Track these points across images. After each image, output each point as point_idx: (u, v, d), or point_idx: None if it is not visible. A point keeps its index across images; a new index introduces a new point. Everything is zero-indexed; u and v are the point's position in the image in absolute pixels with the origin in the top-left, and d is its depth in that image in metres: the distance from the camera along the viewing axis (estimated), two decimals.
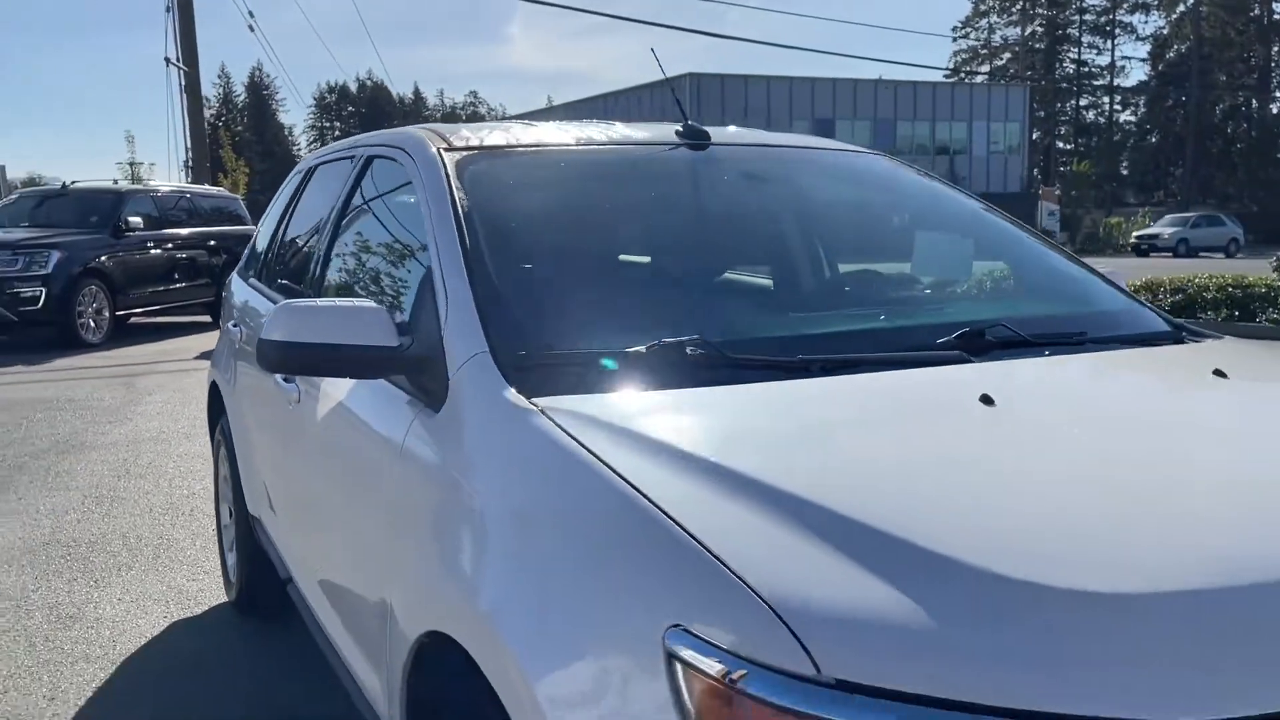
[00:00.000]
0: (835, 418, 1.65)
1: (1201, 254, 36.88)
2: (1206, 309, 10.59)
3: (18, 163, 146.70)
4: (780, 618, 1.12)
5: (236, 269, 4.38)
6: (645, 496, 1.34)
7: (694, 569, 1.21)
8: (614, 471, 1.41)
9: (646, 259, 2.41)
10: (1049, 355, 2.00)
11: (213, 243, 14.30)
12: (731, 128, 2.90)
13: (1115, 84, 76.77)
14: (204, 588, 4.25)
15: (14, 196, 15.02)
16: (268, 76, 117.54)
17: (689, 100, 45.32)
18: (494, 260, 2.03)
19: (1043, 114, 77.68)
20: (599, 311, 2.04)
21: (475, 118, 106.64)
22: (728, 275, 2.30)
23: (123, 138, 74.93)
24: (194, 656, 3.63)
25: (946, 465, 1.46)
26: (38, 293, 11.65)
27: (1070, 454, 1.51)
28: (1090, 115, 79.23)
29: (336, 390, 2.31)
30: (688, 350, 1.79)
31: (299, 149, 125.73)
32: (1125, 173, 74.07)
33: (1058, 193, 49.73)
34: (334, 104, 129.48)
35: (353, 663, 2.24)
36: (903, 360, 1.87)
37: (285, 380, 2.71)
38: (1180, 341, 2.26)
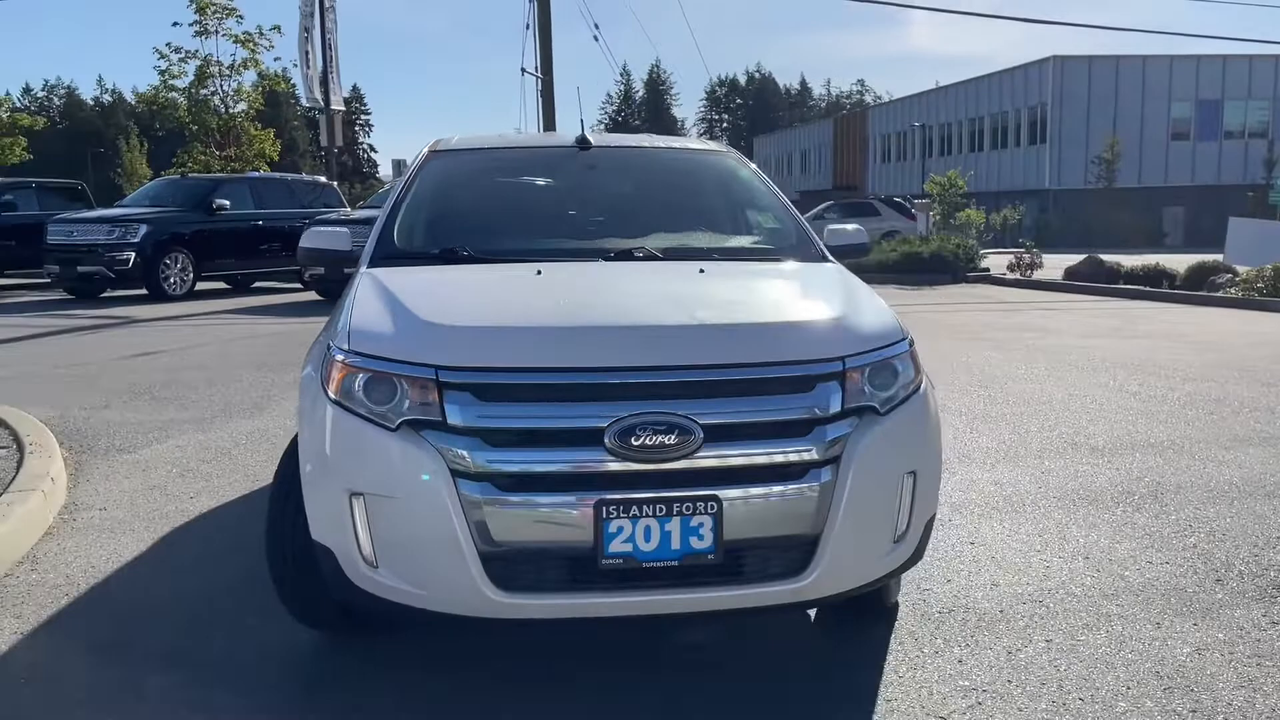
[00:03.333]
0: (476, 279, 3.42)
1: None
2: None
3: None
4: (349, 335, 2.97)
5: None
6: (356, 297, 3.23)
7: (346, 324, 3.08)
8: (356, 289, 3.31)
9: (488, 207, 4.23)
10: (659, 261, 3.62)
11: None
12: (618, 136, 4.61)
13: None
14: None
15: (386, 188, 19.01)
16: (664, 73, 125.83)
17: (1050, 83, 43.78)
18: (404, 209, 3.98)
19: None
20: (432, 234, 3.93)
21: (858, 105, 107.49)
22: (537, 216, 4.09)
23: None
24: None
25: (478, 292, 3.22)
26: None
27: (544, 290, 3.19)
28: None
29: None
30: (454, 250, 3.64)
31: None
32: None
33: None
34: (723, 97, 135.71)
35: None
36: (588, 257, 3.62)
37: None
38: (775, 259, 3.76)
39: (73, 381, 8.37)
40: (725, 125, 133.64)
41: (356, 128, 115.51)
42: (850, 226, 4.24)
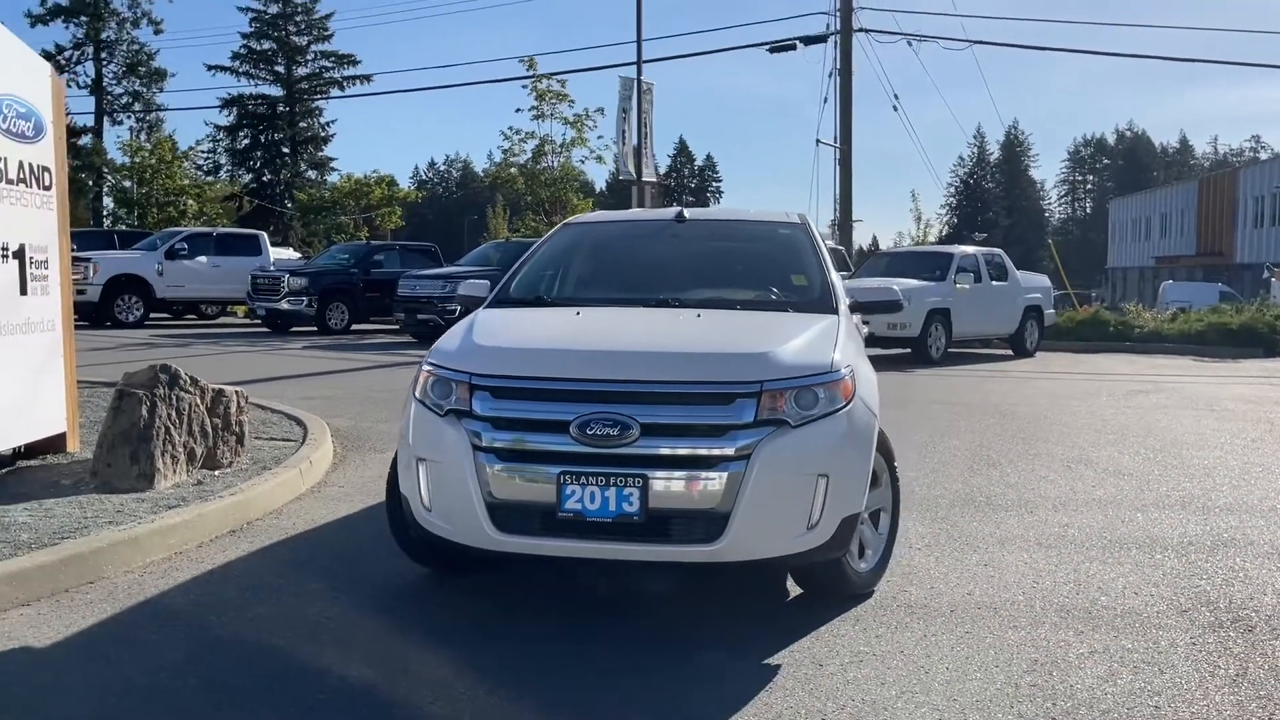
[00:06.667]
0: (531, 317, 4.64)
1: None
2: None
3: None
4: (433, 352, 4.30)
5: None
6: (452, 328, 4.57)
7: (441, 345, 4.42)
8: (467, 319, 4.65)
9: (581, 266, 5.41)
10: (691, 308, 4.65)
11: None
12: (711, 210, 5.69)
13: None
14: None
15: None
16: (1022, 134, 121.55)
17: None
18: (526, 266, 5.30)
19: None
20: (535, 285, 5.20)
21: (1251, 164, 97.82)
22: (616, 274, 5.24)
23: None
24: None
25: (522, 326, 4.45)
26: None
27: (566, 326, 4.35)
28: None
29: None
30: (540, 298, 4.91)
31: (1048, 203, 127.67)
32: None
33: None
34: (1089, 157, 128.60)
35: None
36: (632, 304, 4.75)
37: None
38: (783, 310, 4.65)
39: (375, 402, 10.50)
40: (1089, 186, 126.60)
41: (708, 194, 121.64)
42: (881, 284, 5.03)
